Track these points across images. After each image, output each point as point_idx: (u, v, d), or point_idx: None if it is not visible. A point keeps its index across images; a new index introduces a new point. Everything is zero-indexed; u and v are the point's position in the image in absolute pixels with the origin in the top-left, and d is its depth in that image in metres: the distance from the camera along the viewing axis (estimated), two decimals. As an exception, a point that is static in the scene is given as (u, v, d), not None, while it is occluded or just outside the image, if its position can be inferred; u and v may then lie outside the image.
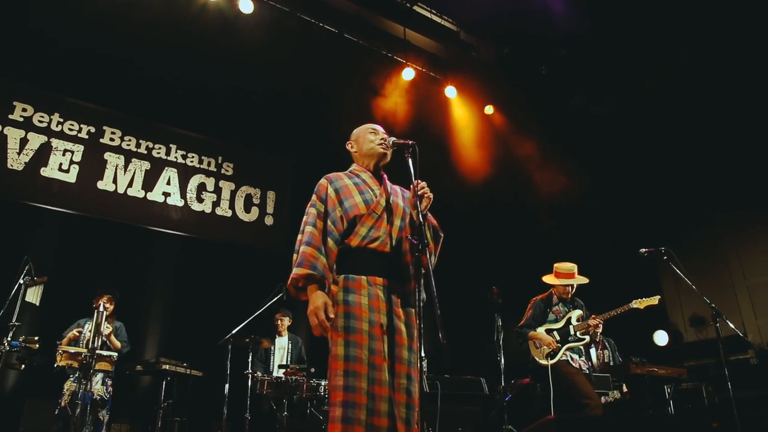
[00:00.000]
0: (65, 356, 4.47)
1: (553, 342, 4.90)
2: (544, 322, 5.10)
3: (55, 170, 6.77)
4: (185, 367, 5.14)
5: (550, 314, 5.12)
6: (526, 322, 5.16)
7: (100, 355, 4.50)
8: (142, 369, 5.11)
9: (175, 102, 7.48)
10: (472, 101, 8.65)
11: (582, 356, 4.97)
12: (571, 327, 4.99)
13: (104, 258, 6.77)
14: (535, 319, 5.12)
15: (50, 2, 6.28)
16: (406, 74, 8.13)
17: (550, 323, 5.08)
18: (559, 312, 5.11)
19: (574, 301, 5.21)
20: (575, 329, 4.95)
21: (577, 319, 5.02)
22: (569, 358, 4.87)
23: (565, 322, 5.03)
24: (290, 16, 7.34)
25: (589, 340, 4.92)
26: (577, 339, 4.92)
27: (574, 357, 4.91)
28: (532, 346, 5.07)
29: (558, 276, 5.13)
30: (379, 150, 2.77)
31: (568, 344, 4.90)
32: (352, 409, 2.26)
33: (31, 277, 4.53)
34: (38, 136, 6.77)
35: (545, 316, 5.12)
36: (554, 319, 5.10)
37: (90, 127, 7.12)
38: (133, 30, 6.63)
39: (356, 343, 2.38)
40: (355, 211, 2.57)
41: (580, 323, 4.97)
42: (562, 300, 5.17)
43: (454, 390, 5.13)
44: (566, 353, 4.88)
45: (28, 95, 6.84)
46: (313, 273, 2.43)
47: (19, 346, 4.45)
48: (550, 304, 5.16)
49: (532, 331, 5.05)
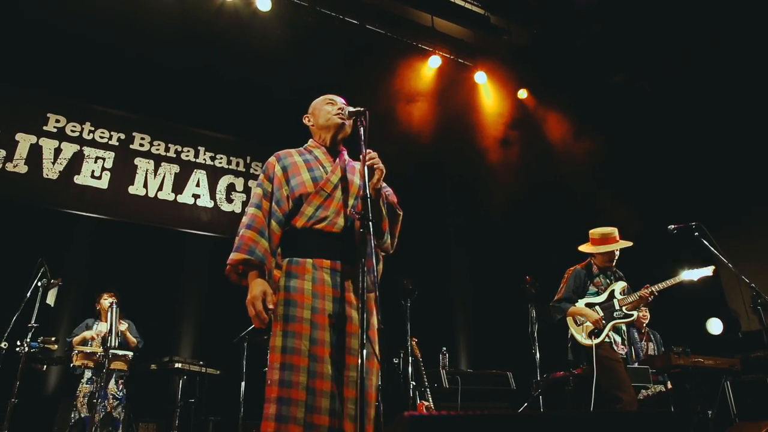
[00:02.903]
0: (80, 356, 4.54)
1: (600, 318, 4.29)
2: (584, 295, 4.51)
3: (87, 177, 6.96)
4: (201, 365, 5.13)
5: (590, 286, 4.52)
6: (564, 294, 4.50)
7: (115, 354, 4.53)
8: (156, 368, 5.14)
9: (201, 104, 7.55)
10: (503, 86, 8.30)
11: (625, 341, 4.41)
12: (615, 301, 4.38)
13: (138, 261, 6.91)
14: (575, 291, 4.49)
15: (73, 8, 6.44)
16: (433, 62, 7.91)
17: (590, 296, 4.48)
18: (600, 284, 4.51)
19: (615, 272, 4.61)
20: (620, 303, 4.35)
21: (621, 291, 4.43)
22: (613, 340, 4.31)
23: (608, 296, 4.43)
24: (309, 10, 7.26)
25: (636, 317, 4.37)
26: (623, 315, 4.32)
27: (617, 340, 4.33)
28: (571, 323, 4.47)
29: (596, 243, 4.52)
30: (336, 120, 2.56)
31: (613, 321, 4.31)
32: (287, 405, 2.07)
33: (48, 279, 4.61)
34: (71, 146, 6.99)
35: (585, 288, 4.52)
36: (595, 292, 4.49)
37: (120, 134, 7.29)
38: (156, 34, 6.74)
39: (295, 333, 2.18)
40: (301, 190, 2.38)
41: (625, 296, 4.39)
42: (603, 271, 4.57)
43: (477, 385, 4.87)
44: (610, 334, 4.31)
45: (60, 106, 7.07)
46: (250, 258, 2.26)
47: (39, 346, 4.54)
48: (591, 275, 4.55)
49: (574, 306, 4.45)
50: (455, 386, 4.61)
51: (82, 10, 6.43)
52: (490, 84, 8.20)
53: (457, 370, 4.83)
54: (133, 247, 6.97)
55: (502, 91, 8.30)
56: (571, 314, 4.46)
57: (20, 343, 4.44)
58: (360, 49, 7.61)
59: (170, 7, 6.53)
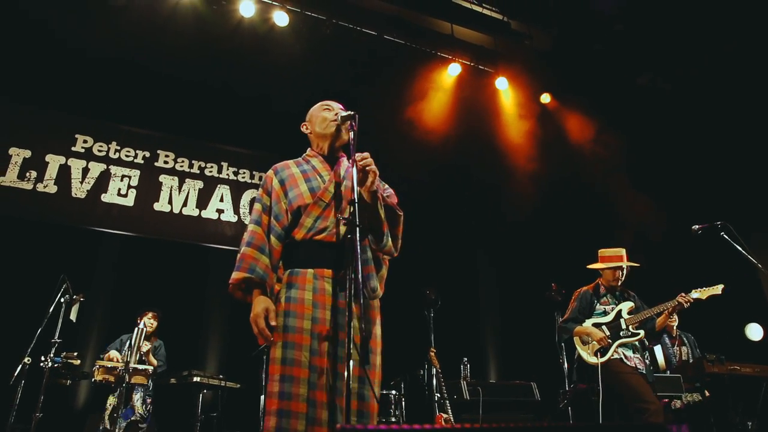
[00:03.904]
0: (102, 371, 4.59)
1: (605, 337, 4.36)
2: (591, 315, 4.56)
3: (114, 195, 7.12)
4: (220, 379, 5.14)
5: (597, 306, 4.58)
6: (570, 315, 4.63)
7: (136, 369, 4.58)
8: (176, 382, 5.17)
9: (222, 120, 7.67)
10: (525, 91, 8.19)
11: (639, 353, 4.37)
12: (622, 320, 4.42)
13: (163, 276, 7.00)
14: (581, 311, 4.58)
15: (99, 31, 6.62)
16: (452, 70, 7.86)
17: (597, 317, 4.54)
18: (608, 304, 4.56)
19: (624, 293, 4.64)
20: (627, 323, 4.38)
21: (628, 311, 4.45)
22: (622, 355, 4.30)
23: (615, 315, 4.47)
24: (326, 23, 7.31)
25: (643, 335, 4.34)
26: (630, 334, 4.34)
27: (628, 354, 4.32)
28: (578, 343, 4.53)
29: (603, 261, 4.60)
30: (332, 128, 2.53)
31: (620, 340, 4.34)
32: (287, 418, 2.02)
33: (70, 295, 4.69)
34: (98, 165, 7.16)
35: (592, 309, 4.58)
36: (602, 312, 4.55)
37: (145, 152, 7.45)
38: (177, 53, 6.88)
39: (295, 344, 2.14)
40: (299, 202, 2.35)
41: (632, 316, 4.41)
42: (611, 290, 4.62)
43: (499, 396, 4.75)
44: (618, 350, 4.32)
45: (87, 127, 7.26)
46: (251, 276, 2.25)
47: (62, 361, 4.62)
48: (598, 296, 4.61)
49: (579, 326, 4.52)
50: (476, 397, 4.49)
51: (107, 32, 6.60)
52: (512, 89, 8.09)
53: (478, 381, 4.71)
54: (159, 263, 7.07)
55: (524, 96, 8.18)
56: (577, 334, 4.54)
57: (44, 358, 4.52)
58: (378, 60, 7.62)
59: (190, 27, 6.64)
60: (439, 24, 8.13)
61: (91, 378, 4.81)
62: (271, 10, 6.89)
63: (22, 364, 4.43)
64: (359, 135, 2.41)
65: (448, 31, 8.04)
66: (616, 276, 4.55)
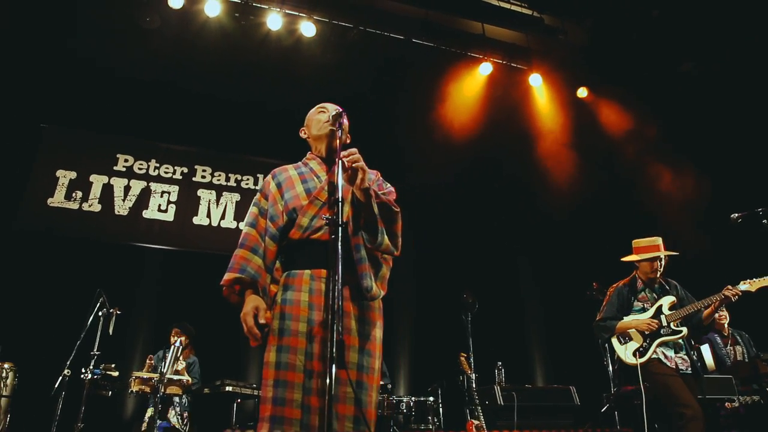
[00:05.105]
0: (137, 381, 4.69)
1: (652, 322, 4.00)
2: (629, 313, 4.22)
3: (155, 211, 7.33)
4: (252, 388, 5.16)
5: (635, 303, 4.23)
6: (607, 312, 4.26)
7: (171, 379, 4.65)
8: (209, 391, 5.22)
9: (256, 132, 7.78)
10: (561, 86, 7.95)
11: (681, 352, 4.03)
12: (662, 317, 4.07)
13: (204, 289, 7.13)
14: (619, 309, 4.22)
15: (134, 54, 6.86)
16: (484, 69, 7.72)
17: (635, 313, 4.19)
18: (646, 300, 4.20)
19: (665, 284, 4.25)
20: (668, 319, 4.03)
21: (669, 306, 4.09)
22: (661, 355, 3.97)
23: (655, 312, 4.11)
24: (353, 31, 7.32)
25: (686, 332, 4.00)
26: (671, 332, 4.00)
27: (669, 354, 3.98)
28: (616, 344, 4.20)
29: (639, 252, 4.25)
30: (326, 129, 2.48)
31: (660, 338, 4.00)
32: (280, 425, 1.95)
33: (107, 309, 4.83)
34: (139, 182, 7.40)
35: (629, 306, 4.23)
36: (640, 309, 4.19)
37: (183, 168, 7.65)
38: (208, 70, 7.08)
39: (290, 348, 2.06)
40: (294, 203, 2.31)
41: (674, 312, 4.05)
42: (649, 284, 4.25)
43: (536, 401, 4.56)
44: (658, 350, 3.99)
45: (127, 146, 7.53)
46: (241, 276, 2.21)
47: (101, 373, 4.74)
48: (635, 291, 4.25)
49: (621, 323, 4.17)
50: (511, 403, 4.32)
51: (141, 54, 6.84)
52: (546, 86, 7.88)
53: (513, 386, 4.52)
54: (200, 276, 7.20)
55: (560, 92, 7.95)
56: (619, 330, 4.18)
57: (84, 370, 4.65)
58: (407, 64, 7.58)
59: (218, 43, 6.78)
60: (469, 24, 8.03)
61: (129, 389, 4.93)
62: (298, 21, 6.96)
63: (62, 376, 4.58)
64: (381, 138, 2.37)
65: (479, 31, 7.92)
66: (654, 267, 4.19)
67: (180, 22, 6.63)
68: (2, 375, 5.08)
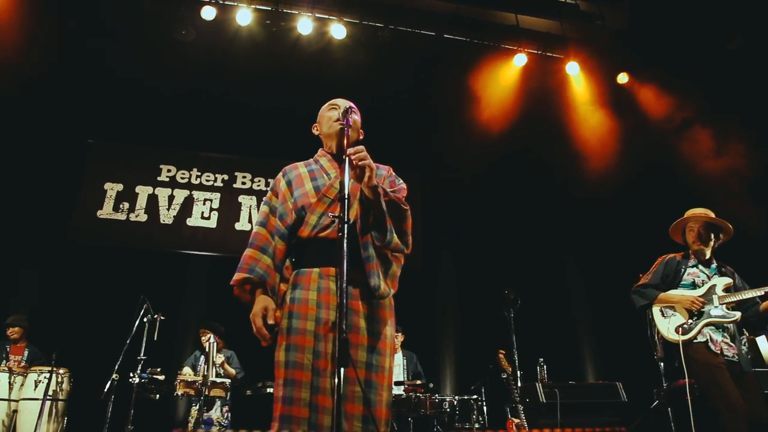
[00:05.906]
0: (182, 384, 4.81)
1: (697, 299, 3.66)
2: (677, 286, 3.81)
3: (198, 219, 7.52)
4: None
5: (685, 276, 3.83)
6: (651, 280, 3.88)
7: (214, 382, 4.75)
8: (251, 393, 5.29)
9: (291, 136, 7.85)
10: (600, 73, 7.70)
11: (729, 336, 3.65)
12: (715, 297, 3.68)
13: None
14: (663, 278, 3.84)
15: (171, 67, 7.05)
16: (518, 60, 7.56)
17: (684, 288, 3.80)
18: (697, 275, 3.80)
19: (721, 267, 3.88)
20: (721, 300, 3.67)
21: (723, 288, 3.72)
22: (708, 337, 3.59)
23: (707, 290, 3.74)
24: (384, 30, 7.30)
25: (739, 317, 3.61)
26: (722, 314, 3.62)
27: (715, 338, 3.60)
28: (657, 315, 3.82)
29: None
30: (337, 127, 2.45)
31: (710, 319, 3.63)
32: (288, 424, 1.94)
33: (151, 315, 4.97)
34: (182, 191, 7.61)
35: (678, 278, 3.82)
36: (690, 284, 3.80)
37: (224, 175, 7.82)
38: (240, 78, 7.19)
39: (297, 347, 2.05)
40: (303, 200, 2.29)
41: (728, 294, 3.68)
42: (703, 262, 3.85)
43: (580, 398, 4.39)
44: (705, 330, 3.62)
45: (170, 157, 7.76)
46: (250, 276, 2.21)
47: (148, 377, 4.89)
48: (686, 264, 3.85)
49: (664, 294, 3.79)
50: (554, 400, 4.19)
51: (178, 67, 7.02)
52: (584, 73, 7.64)
53: (555, 383, 4.39)
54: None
55: (600, 79, 7.69)
56: (659, 302, 3.81)
57: (131, 374, 4.81)
58: (439, 59, 7.51)
59: (250, 50, 6.89)
60: (502, 15, 7.90)
61: (175, 392, 5.06)
62: (328, 24, 6.99)
63: (110, 380, 4.73)
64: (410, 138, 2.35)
65: (512, 22, 7.77)
66: (702, 237, 3.83)
67: (213, 32, 6.77)
68: (58, 380, 5.31)
